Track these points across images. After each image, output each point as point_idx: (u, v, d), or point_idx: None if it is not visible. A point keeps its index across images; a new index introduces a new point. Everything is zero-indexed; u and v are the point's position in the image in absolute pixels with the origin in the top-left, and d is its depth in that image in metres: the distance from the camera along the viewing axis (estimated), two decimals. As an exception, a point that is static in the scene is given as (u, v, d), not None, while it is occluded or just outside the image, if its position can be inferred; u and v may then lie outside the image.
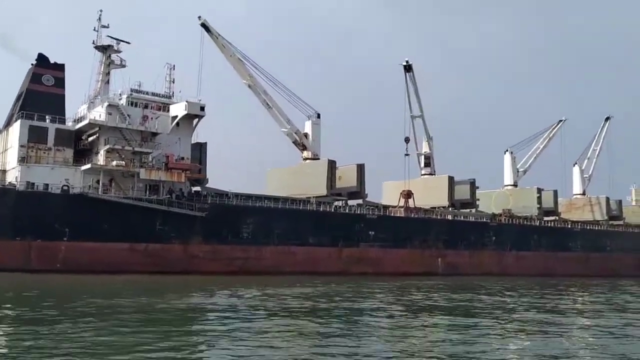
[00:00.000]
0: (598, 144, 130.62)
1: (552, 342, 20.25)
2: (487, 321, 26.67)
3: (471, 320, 26.52)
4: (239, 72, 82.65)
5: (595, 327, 26.09)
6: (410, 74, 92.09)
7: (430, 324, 25.46)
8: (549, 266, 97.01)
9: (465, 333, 22.22)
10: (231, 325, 23.38)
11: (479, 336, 21.42)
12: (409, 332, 22.27)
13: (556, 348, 18.88)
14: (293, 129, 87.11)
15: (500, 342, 19.55)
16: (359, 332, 22.21)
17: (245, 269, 65.67)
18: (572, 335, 22.24)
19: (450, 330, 23.33)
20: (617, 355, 17.49)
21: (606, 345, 19.88)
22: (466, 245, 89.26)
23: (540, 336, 22.07)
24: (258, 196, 73.91)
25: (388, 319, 27.52)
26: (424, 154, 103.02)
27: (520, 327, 24.90)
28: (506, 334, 22.36)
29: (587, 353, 18.47)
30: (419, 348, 18.44)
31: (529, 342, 20.76)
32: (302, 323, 24.05)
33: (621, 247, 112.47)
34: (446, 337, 21.08)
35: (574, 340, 21.02)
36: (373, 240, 79.43)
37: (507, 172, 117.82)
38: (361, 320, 26.69)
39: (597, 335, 22.83)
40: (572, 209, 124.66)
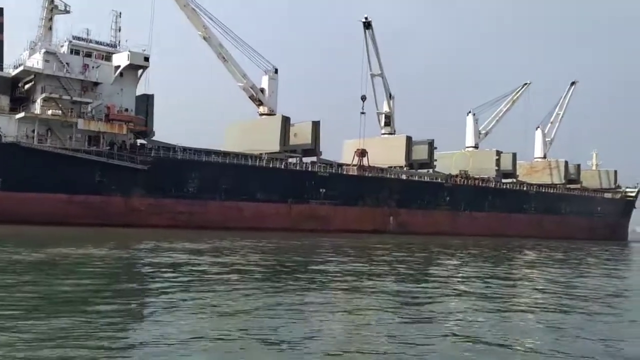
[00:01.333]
0: (562, 108, 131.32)
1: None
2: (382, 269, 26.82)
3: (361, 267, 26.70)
4: (193, 23, 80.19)
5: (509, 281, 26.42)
6: (370, 31, 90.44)
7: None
8: (502, 227, 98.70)
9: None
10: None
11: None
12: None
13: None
14: (249, 84, 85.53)
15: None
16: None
17: (189, 224, 65.38)
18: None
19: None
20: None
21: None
22: (419, 204, 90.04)
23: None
24: (207, 151, 73.03)
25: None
26: (384, 113, 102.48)
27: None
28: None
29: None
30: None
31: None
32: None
33: (576, 211, 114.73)
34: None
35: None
36: (324, 198, 79.57)
37: (468, 134, 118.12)
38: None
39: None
40: (533, 172, 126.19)
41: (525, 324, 15.29)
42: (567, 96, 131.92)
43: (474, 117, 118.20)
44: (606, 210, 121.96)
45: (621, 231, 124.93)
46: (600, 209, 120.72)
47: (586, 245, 79.15)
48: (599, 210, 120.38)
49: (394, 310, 16.10)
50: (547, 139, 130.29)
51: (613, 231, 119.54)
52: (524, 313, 17.08)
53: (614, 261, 49.34)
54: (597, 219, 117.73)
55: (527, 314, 16.93)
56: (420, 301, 18.41)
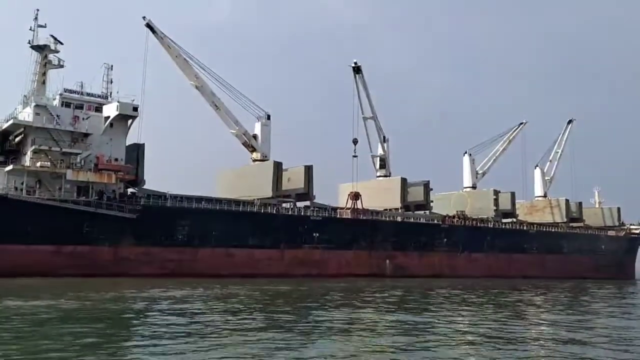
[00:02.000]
0: (560, 146, 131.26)
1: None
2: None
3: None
4: (185, 73, 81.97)
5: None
6: (360, 76, 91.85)
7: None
8: (503, 268, 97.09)
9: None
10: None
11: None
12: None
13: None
14: (241, 130, 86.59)
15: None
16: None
17: (179, 272, 64.85)
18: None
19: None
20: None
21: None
22: (416, 246, 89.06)
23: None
24: (198, 198, 73.16)
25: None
26: (379, 155, 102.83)
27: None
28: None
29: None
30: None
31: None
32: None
33: (578, 249, 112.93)
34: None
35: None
36: (317, 242, 78.98)
37: (465, 174, 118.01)
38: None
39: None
40: (533, 211, 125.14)
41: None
42: (564, 134, 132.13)
43: (470, 157, 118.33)
44: (610, 248, 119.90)
45: (628, 269, 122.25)
46: (604, 247, 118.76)
47: (594, 285, 77.51)
48: (603, 248, 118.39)
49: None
50: (546, 177, 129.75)
51: (619, 269, 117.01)
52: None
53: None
54: (601, 257, 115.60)
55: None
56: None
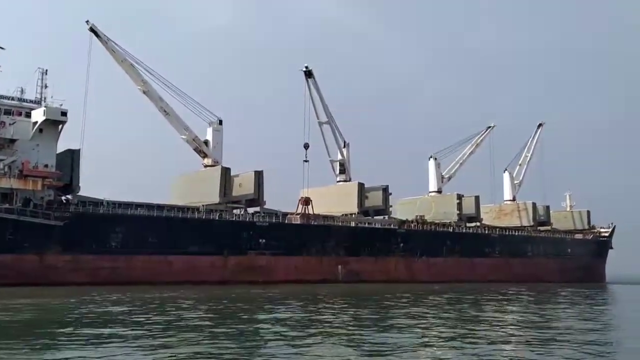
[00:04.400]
0: (530, 150, 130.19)
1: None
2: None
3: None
4: (131, 77, 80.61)
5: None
6: (312, 80, 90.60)
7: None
8: (463, 272, 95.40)
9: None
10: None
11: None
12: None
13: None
14: (191, 136, 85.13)
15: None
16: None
17: (113, 279, 63.05)
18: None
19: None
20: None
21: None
22: (371, 252, 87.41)
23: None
24: (137, 204, 71.55)
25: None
26: (338, 160, 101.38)
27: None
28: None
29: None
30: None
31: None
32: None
33: (544, 252, 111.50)
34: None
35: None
36: (264, 248, 77.30)
37: (431, 179, 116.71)
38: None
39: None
40: (502, 215, 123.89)
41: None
42: (534, 138, 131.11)
43: (435, 161, 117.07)
44: (577, 251, 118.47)
45: (596, 272, 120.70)
46: (570, 250, 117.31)
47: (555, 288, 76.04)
48: (569, 251, 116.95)
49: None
50: (515, 181, 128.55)
51: (587, 273, 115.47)
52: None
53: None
54: (567, 261, 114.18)
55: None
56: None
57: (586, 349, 20.94)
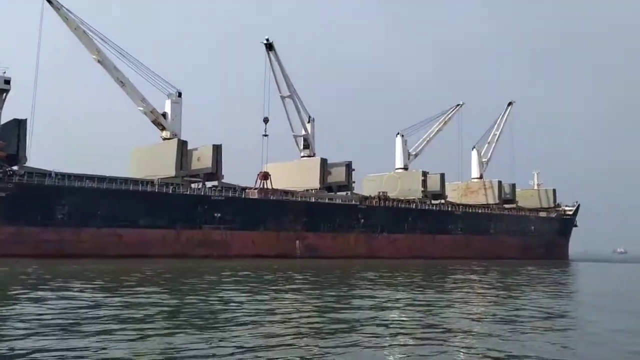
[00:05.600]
0: (499, 128, 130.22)
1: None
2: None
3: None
4: (85, 45, 78.84)
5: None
6: (273, 53, 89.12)
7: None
8: (424, 249, 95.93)
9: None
10: None
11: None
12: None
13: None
14: (149, 108, 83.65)
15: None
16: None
17: (60, 252, 62.10)
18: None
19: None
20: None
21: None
22: (330, 227, 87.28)
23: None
24: (89, 176, 70.30)
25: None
26: (302, 136, 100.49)
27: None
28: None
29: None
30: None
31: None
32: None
33: (506, 230, 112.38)
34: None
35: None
36: (219, 223, 76.75)
37: (397, 156, 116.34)
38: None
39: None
40: (468, 192, 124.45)
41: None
42: (504, 116, 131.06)
43: (402, 138, 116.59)
44: (541, 229, 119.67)
45: (560, 250, 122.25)
46: (533, 228, 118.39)
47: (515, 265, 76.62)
48: (533, 229, 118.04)
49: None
50: (483, 159, 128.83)
51: (550, 250, 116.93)
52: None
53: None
54: (530, 238, 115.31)
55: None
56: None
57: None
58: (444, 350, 14.88)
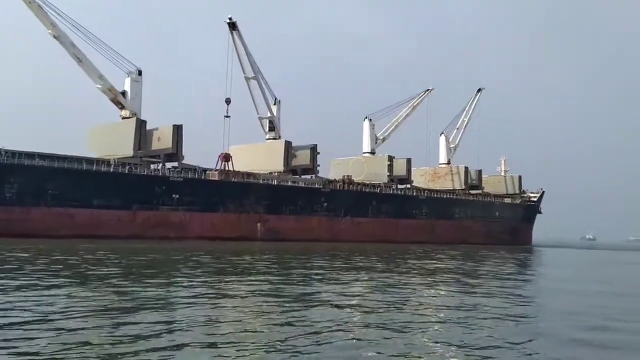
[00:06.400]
0: (468, 114, 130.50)
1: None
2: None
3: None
4: (40, 20, 75.98)
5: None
6: (237, 32, 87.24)
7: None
8: (389, 233, 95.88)
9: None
10: None
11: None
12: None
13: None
14: (107, 85, 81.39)
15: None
16: None
17: (8, 232, 60.15)
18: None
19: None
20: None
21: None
22: (292, 210, 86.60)
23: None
24: (41, 154, 68.17)
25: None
26: (267, 118, 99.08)
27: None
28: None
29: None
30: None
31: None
32: None
33: (471, 215, 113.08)
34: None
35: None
36: (177, 204, 75.44)
37: (365, 140, 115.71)
38: None
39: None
40: (436, 178, 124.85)
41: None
42: (473, 103, 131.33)
43: (370, 122, 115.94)
44: (505, 215, 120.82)
45: (523, 236, 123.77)
46: (498, 213, 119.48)
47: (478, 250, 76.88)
48: (497, 215, 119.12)
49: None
50: (451, 145, 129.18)
51: (514, 235, 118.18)
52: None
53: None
54: (494, 224, 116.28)
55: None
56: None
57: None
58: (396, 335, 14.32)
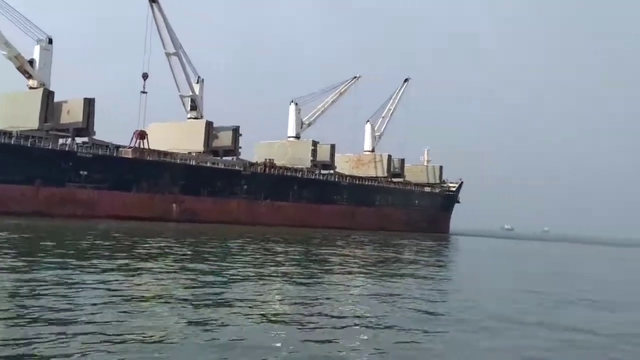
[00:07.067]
0: (394, 103, 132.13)
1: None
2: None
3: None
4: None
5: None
6: (157, 5, 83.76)
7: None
8: (309, 218, 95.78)
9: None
10: None
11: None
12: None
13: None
14: (13, 52, 76.10)
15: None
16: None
17: None
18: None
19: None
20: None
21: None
22: (210, 192, 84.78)
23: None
24: None
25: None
26: (189, 96, 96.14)
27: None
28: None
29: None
30: None
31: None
32: None
33: (392, 203, 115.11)
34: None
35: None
36: (85, 181, 71.95)
37: (290, 124, 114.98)
38: None
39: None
40: (360, 165, 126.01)
41: None
42: (399, 92, 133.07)
43: (296, 106, 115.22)
44: (425, 203, 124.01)
45: (442, 224, 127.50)
46: (418, 202, 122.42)
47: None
48: (417, 203, 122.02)
49: None
50: (376, 133, 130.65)
51: (432, 224, 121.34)
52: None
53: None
54: (414, 212, 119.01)
55: None
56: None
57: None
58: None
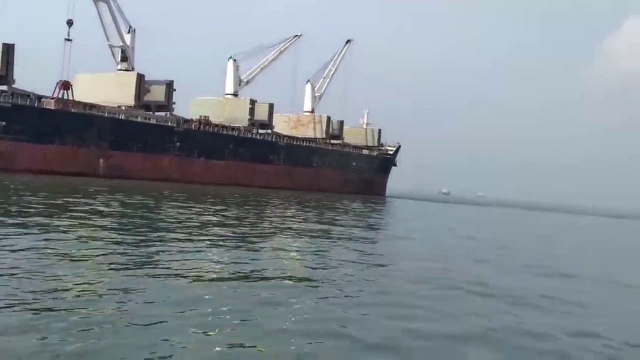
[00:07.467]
0: (335, 64, 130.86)
1: None
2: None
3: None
4: None
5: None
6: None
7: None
8: (245, 177, 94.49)
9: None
10: None
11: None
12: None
13: None
14: None
15: None
16: None
17: None
18: None
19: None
20: None
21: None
22: (140, 148, 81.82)
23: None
24: None
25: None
26: (119, 46, 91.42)
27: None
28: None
29: None
30: None
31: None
32: None
33: (329, 164, 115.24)
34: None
35: None
36: (3, 132, 67.76)
37: (228, 81, 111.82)
38: None
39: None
40: (299, 125, 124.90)
41: None
42: (341, 53, 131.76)
43: (235, 63, 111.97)
44: (362, 166, 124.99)
45: (378, 187, 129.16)
46: (355, 164, 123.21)
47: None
48: (354, 165, 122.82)
49: None
50: (316, 94, 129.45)
51: (368, 186, 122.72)
52: None
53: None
54: (351, 174, 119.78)
55: None
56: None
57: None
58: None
